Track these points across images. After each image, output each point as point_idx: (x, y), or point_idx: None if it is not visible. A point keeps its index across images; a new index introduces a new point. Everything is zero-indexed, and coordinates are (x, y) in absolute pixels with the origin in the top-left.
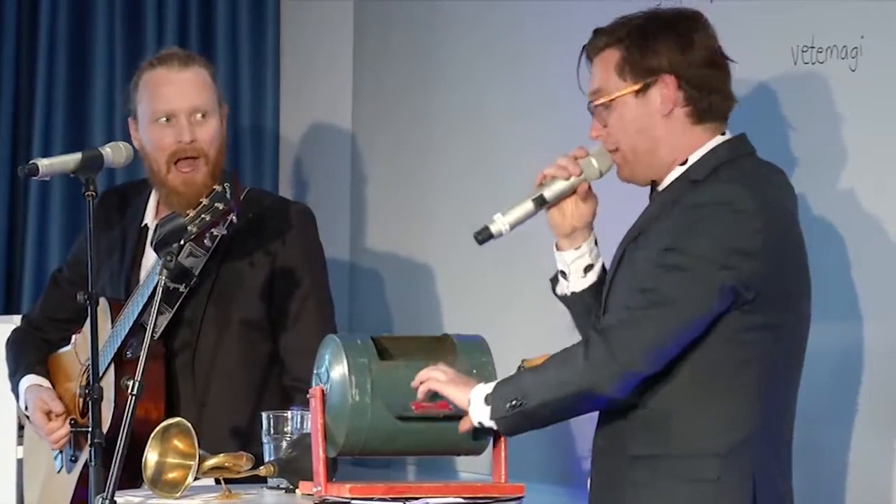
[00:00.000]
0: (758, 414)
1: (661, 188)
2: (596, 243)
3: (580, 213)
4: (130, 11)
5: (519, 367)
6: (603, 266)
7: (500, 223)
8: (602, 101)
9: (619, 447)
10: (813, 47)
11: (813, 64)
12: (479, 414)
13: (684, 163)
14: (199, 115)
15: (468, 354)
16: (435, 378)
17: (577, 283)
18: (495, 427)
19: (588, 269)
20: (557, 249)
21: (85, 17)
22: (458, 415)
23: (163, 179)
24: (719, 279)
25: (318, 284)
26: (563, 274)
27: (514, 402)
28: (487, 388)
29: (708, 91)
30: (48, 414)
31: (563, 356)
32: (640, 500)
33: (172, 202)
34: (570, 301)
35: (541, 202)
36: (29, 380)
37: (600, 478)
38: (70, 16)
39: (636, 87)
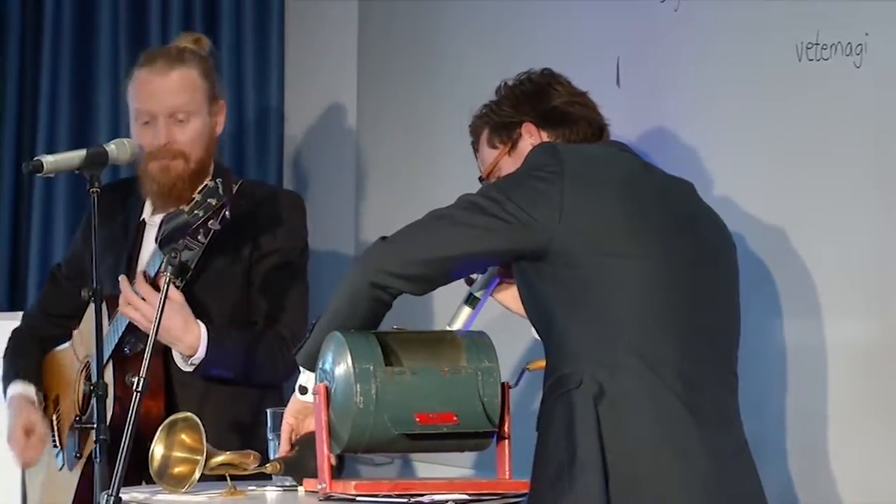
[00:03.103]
0: (595, 337)
1: None
2: None
3: (513, 292)
4: (134, 4)
5: (523, 371)
6: None
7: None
8: (487, 172)
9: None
10: (817, 44)
11: (817, 61)
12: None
13: None
14: (179, 117)
15: (472, 352)
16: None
17: None
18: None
19: None
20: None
21: (89, 10)
22: (463, 431)
23: (144, 171)
24: (501, 200)
25: (293, 261)
26: None
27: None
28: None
29: (572, 122)
30: (28, 432)
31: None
32: (541, 428)
33: (149, 189)
34: None
35: (473, 301)
36: (16, 387)
37: None
38: (74, 10)
39: (507, 146)
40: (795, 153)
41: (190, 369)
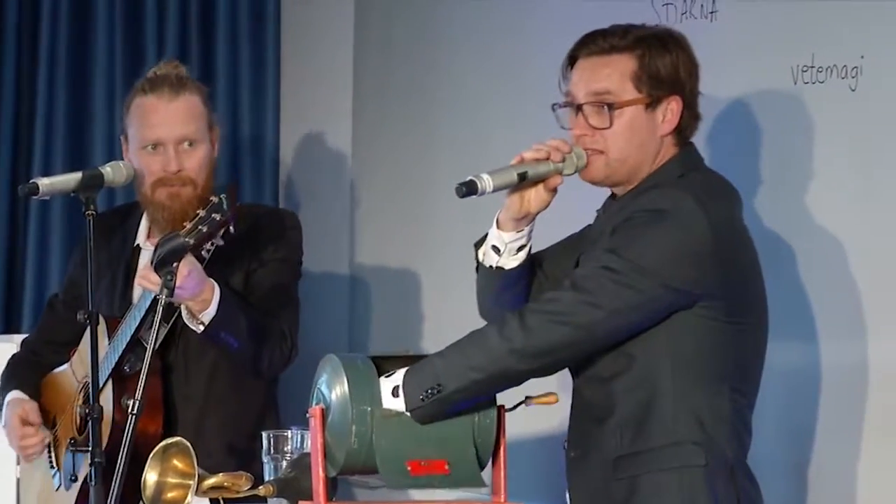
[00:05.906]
0: (730, 404)
1: (620, 195)
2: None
3: (539, 200)
4: (130, 28)
5: (521, 403)
6: (530, 247)
7: (486, 182)
8: (613, 101)
9: (597, 453)
10: (813, 67)
11: (813, 83)
12: (392, 406)
13: None
14: (186, 144)
15: None
16: None
17: (510, 261)
18: (410, 416)
19: (521, 248)
20: (497, 227)
21: (85, 34)
22: (456, 480)
23: (150, 198)
24: (651, 287)
25: (288, 274)
26: (496, 249)
27: (429, 391)
28: (395, 379)
29: (695, 116)
30: (24, 421)
31: (476, 337)
32: (628, 495)
33: (158, 217)
34: (492, 274)
35: (522, 178)
36: (13, 394)
37: (582, 488)
38: (70, 33)
39: (648, 99)
40: (791, 174)
41: (200, 329)
